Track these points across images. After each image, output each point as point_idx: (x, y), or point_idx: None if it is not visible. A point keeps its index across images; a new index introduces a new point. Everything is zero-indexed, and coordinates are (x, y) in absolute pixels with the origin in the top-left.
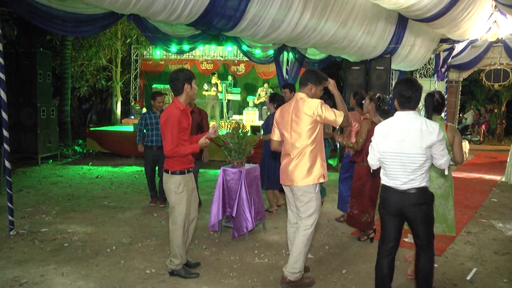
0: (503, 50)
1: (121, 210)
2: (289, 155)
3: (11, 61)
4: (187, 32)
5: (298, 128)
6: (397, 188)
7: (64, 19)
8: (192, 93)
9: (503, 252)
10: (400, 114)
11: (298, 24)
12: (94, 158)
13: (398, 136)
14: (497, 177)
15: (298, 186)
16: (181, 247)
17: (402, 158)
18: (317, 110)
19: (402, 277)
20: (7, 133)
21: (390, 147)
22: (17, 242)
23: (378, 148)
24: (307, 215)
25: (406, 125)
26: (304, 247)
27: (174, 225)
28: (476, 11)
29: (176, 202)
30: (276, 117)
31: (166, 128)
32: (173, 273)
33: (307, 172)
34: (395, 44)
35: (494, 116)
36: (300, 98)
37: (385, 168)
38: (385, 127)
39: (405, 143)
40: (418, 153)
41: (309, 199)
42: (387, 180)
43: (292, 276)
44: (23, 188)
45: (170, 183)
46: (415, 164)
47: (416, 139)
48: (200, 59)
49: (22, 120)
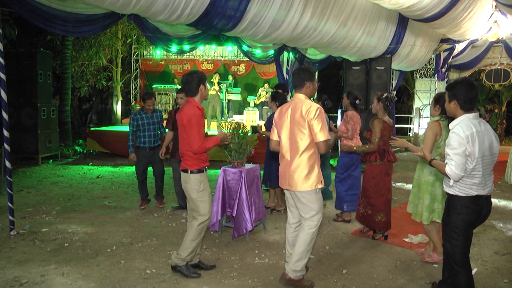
0: (503, 50)
1: (122, 210)
2: (286, 158)
3: (12, 61)
4: (188, 32)
5: (297, 130)
6: (488, 195)
7: (64, 19)
8: (206, 94)
9: (504, 252)
10: (469, 116)
11: (298, 24)
12: (95, 158)
13: (481, 139)
14: (496, 180)
15: (297, 191)
16: (196, 242)
17: (490, 161)
18: (309, 113)
19: (402, 277)
20: (7, 133)
21: (481, 151)
22: (17, 242)
23: (468, 156)
24: (310, 216)
25: (482, 127)
26: (307, 246)
27: (196, 221)
28: (477, 11)
29: (199, 200)
30: (275, 117)
31: (191, 127)
32: (176, 268)
33: (305, 178)
34: (396, 44)
35: (494, 116)
36: (300, 100)
37: (474, 176)
38: (470, 131)
39: (486, 146)
40: (494, 153)
41: (310, 201)
42: (479, 189)
43: (293, 274)
44: (23, 188)
45: (191, 182)
46: (492, 166)
47: (493, 140)
48: (200, 59)
49: (23, 120)
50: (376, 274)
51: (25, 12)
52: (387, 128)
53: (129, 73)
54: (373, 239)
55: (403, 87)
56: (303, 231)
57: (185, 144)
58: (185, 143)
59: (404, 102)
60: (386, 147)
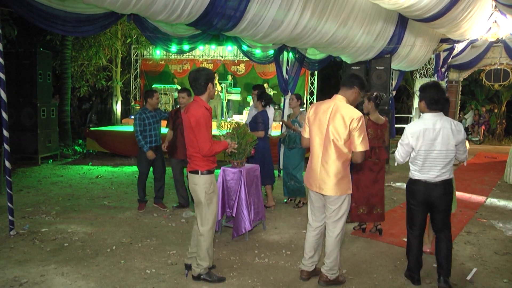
0: (503, 50)
1: (121, 210)
2: (319, 161)
3: (11, 61)
4: (187, 32)
5: (335, 135)
6: (429, 181)
7: (64, 19)
8: (213, 93)
9: (503, 252)
10: (429, 115)
11: (298, 24)
12: (94, 158)
13: (432, 136)
14: (496, 180)
15: (329, 195)
16: (211, 249)
17: (436, 155)
18: (353, 121)
19: (402, 277)
20: (7, 133)
21: (425, 145)
22: (17, 242)
23: (411, 147)
24: (336, 219)
25: (438, 125)
26: (337, 247)
27: (206, 226)
28: (476, 11)
29: (208, 202)
30: (309, 115)
31: (199, 128)
32: (200, 277)
33: (338, 183)
34: (395, 44)
35: (494, 116)
36: (341, 103)
37: (416, 164)
38: (418, 128)
39: (437, 141)
40: (449, 149)
41: (339, 206)
42: (418, 174)
43: (332, 276)
44: (23, 188)
45: (200, 184)
46: (447, 159)
47: (449, 137)
48: (200, 59)
49: (22, 120)
50: (376, 274)
51: (25, 12)
52: (371, 125)
53: (128, 73)
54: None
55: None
56: (330, 236)
57: (192, 145)
58: (193, 145)
59: (404, 102)
60: (373, 145)
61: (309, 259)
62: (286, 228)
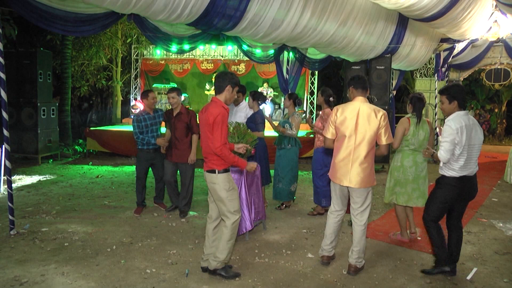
0: (503, 49)
1: (122, 209)
2: (350, 156)
3: (12, 60)
4: (188, 32)
5: (369, 131)
6: (470, 175)
7: (64, 18)
8: (230, 97)
9: (504, 252)
10: (462, 112)
11: (298, 23)
12: (95, 158)
13: (470, 131)
14: (496, 179)
15: (356, 188)
16: (231, 243)
17: (477, 149)
18: (383, 118)
19: (402, 277)
20: (7, 132)
21: (467, 140)
22: (17, 241)
23: (455, 144)
24: (362, 210)
25: (471, 121)
26: (364, 236)
27: (232, 218)
28: (477, 11)
29: (229, 198)
30: (336, 117)
31: (215, 126)
32: (215, 272)
33: (366, 176)
34: (396, 44)
35: (494, 116)
36: (364, 102)
37: (459, 160)
38: (460, 124)
39: (474, 136)
40: (480, 143)
41: (365, 198)
42: (462, 171)
43: (360, 264)
44: (23, 188)
45: (219, 182)
46: (479, 152)
47: (479, 132)
48: (200, 59)
49: (23, 119)
50: (376, 274)
51: (25, 12)
52: None
53: (129, 73)
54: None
55: (403, 86)
56: (358, 225)
57: (209, 144)
58: (210, 144)
59: (404, 102)
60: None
61: (330, 243)
62: (286, 228)
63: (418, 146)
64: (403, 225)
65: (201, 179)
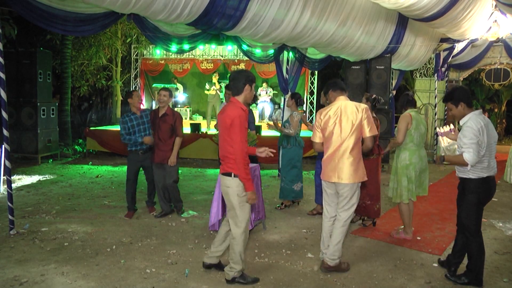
0: (503, 49)
1: (121, 209)
2: (337, 151)
3: (11, 60)
4: (187, 32)
5: (349, 125)
6: (492, 175)
7: (64, 18)
8: (250, 96)
9: (503, 252)
10: (477, 112)
11: (298, 23)
12: (94, 158)
13: (488, 130)
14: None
15: (345, 183)
16: (243, 252)
17: (494, 148)
18: (363, 111)
19: (402, 277)
20: (7, 132)
21: (488, 139)
22: (17, 241)
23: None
24: (347, 208)
25: (486, 120)
26: (342, 236)
27: (239, 229)
28: (476, 11)
29: (240, 205)
30: (320, 121)
31: (234, 129)
32: (234, 280)
33: (354, 171)
34: (395, 43)
35: (494, 116)
36: (346, 100)
37: (483, 161)
38: (480, 124)
39: (491, 135)
40: (496, 142)
41: (352, 194)
42: (487, 171)
43: (332, 262)
44: (23, 188)
45: (233, 186)
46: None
47: (494, 130)
48: (200, 59)
49: (22, 119)
50: (376, 274)
51: (25, 12)
52: None
53: (129, 73)
54: (364, 226)
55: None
56: (338, 223)
57: (227, 147)
58: (227, 146)
59: None
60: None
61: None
62: (286, 228)
63: (420, 140)
64: (408, 222)
65: (201, 179)
